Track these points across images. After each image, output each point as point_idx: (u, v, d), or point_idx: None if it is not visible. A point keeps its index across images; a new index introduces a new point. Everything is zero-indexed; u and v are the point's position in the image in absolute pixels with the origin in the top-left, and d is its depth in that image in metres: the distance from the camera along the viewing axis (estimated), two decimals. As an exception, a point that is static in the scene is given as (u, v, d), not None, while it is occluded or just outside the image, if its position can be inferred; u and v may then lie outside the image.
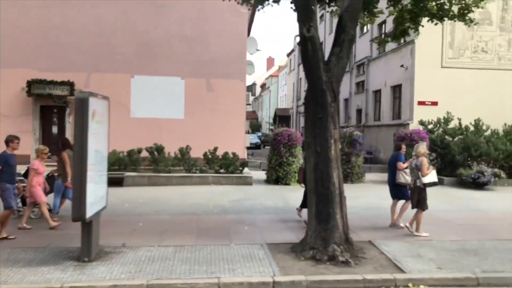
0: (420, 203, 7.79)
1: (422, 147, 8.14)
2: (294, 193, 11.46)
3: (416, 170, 7.85)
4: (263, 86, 79.64)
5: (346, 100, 26.86)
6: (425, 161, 7.87)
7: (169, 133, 15.99)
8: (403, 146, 8.94)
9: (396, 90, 19.65)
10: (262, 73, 78.14)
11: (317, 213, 6.40)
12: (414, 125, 16.94)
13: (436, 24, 8.85)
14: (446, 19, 8.47)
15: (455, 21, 8.56)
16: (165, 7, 16.41)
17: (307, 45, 6.03)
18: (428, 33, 17.30)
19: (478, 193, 12.92)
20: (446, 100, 17.33)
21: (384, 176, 10.82)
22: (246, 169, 15.55)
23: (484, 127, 16.11)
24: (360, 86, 24.72)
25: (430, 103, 17.48)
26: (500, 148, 14.81)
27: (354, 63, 25.31)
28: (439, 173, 15.02)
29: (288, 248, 6.62)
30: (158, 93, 16.41)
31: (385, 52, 20.80)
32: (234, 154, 14.57)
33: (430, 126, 16.22)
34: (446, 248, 6.79)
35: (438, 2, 8.15)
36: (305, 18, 5.90)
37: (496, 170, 13.57)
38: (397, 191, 8.41)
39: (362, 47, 23.93)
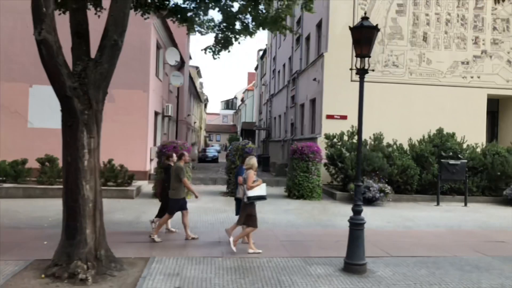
0: (248, 219, 7.44)
1: (254, 160, 7.83)
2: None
3: (244, 184, 7.54)
4: (242, 100, 79.83)
5: (285, 114, 26.68)
6: (251, 174, 7.53)
7: (68, 144, 15.61)
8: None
9: (312, 104, 19.46)
10: (244, 87, 78.53)
11: (66, 227, 5.99)
12: (322, 139, 16.66)
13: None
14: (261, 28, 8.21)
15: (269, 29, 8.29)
16: (64, 16, 16.08)
17: (41, 49, 5.70)
18: (338, 46, 17.36)
19: (365, 209, 12.55)
20: (356, 114, 17.03)
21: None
22: (140, 182, 15.18)
23: (391, 141, 15.92)
24: (292, 100, 24.56)
25: (339, 117, 17.24)
26: (396, 163, 14.55)
27: (290, 76, 25.20)
28: (338, 188, 14.94)
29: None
30: (57, 103, 15.96)
31: (307, 66, 20.68)
32: (121, 166, 14.15)
33: (334, 140, 15.97)
34: (225, 266, 6.43)
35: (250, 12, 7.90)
36: (36, 21, 5.59)
37: (381, 185, 13.26)
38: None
39: (297, 60, 23.83)
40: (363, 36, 6.38)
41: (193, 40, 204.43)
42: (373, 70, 6.39)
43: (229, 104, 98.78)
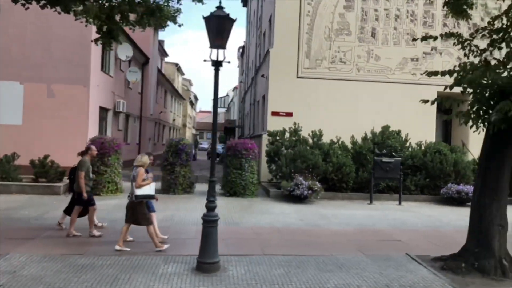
0: (139, 218, 7.19)
1: (145, 158, 7.60)
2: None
3: (133, 182, 7.31)
4: (232, 98, 79.52)
5: (249, 112, 26.45)
6: (141, 172, 7.29)
7: (6, 139, 15.37)
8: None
9: (263, 100, 19.23)
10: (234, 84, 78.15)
11: None
12: (266, 136, 16.43)
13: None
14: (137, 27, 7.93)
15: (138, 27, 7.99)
16: (4, 10, 15.85)
17: None
18: (284, 42, 17.12)
19: (291, 207, 12.35)
20: (302, 110, 16.88)
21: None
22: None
23: (336, 139, 15.70)
24: (255, 97, 24.34)
25: (284, 114, 17.00)
26: (332, 160, 14.31)
27: (254, 73, 24.98)
28: (276, 185, 14.66)
29: None
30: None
31: (260, 63, 20.44)
32: (52, 162, 13.94)
33: (277, 137, 15.74)
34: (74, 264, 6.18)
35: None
36: None
37: (311, 182, 13.01)
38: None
39: (258, 57, 23.59)
40: (217, 26, 6.11)
41: (184, 37, 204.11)
42: (229, 62, 6.09)
43: (221, 101, 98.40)
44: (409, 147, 15.48)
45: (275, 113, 17.00)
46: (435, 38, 6.94)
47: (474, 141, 16.76)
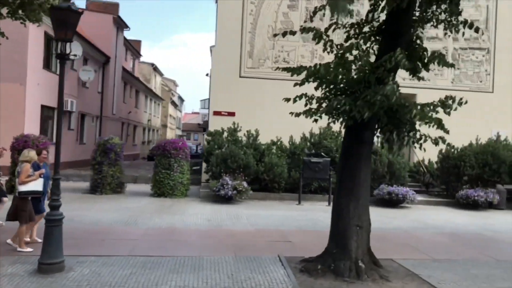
0: (18, 214, 6.95)
1: (32, 153, 7.38)
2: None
3: (17, 177, 7.08)
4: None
5: (211, 112, 26.22)
6: (27, 167, 7.07)
7: None
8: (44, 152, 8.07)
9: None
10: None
11: None
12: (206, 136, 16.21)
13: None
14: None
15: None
16: None
17: None
18: (226, 41, 16.93)
19: (212, 207, 12.16)
20: (245, 110, 16.70)
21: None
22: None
23: (280, 139, 15.50)
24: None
25: (226, 114, 16.80)
26: (264, 161, 14.12)
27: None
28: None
29: None
30: None
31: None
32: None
33: (218, 137, 15.53)
34: None
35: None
36: None
37: (237, 183, 12.81)
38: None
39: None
40: (60, 18, 5.90)
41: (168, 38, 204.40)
42: (75, 56, 5.89)
43: (205, 103, 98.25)
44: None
45: (217, 113, 16.82)
46: (294, 33, 6.75)
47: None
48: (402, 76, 17.57)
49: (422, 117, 5.95)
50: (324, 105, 6.27)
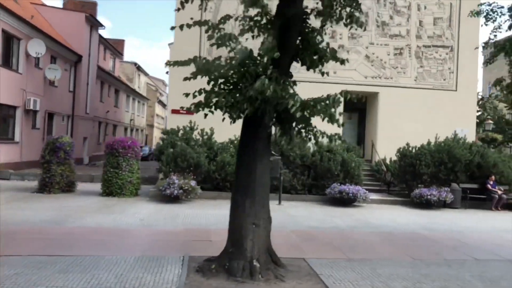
0: None
1: None
2: None
3: None
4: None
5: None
6: None
7: None
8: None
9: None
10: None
11: None
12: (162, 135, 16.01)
13: None
14: None
15: None
16: None
17: None
18: (184, 38, 16.73)
19: (156, 207, 11.96)
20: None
21: None
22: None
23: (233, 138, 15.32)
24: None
25: (185, 112, 16.51)
26: (216, 159, 13.94)
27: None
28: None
29: None
30: None
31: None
32: None
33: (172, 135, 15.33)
34: None
35: None
36: None
37: (183, 182, 12.61)
38: None
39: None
40: None
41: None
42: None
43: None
44: (308, 147, 15.13)
45: (175, 111, 16.63)
46: (190, 26, 6.55)
47: (382, 142, 16.55)
48: (364, 74, 17.59)
49: (315, 112, 5.76)
50: (215, 100, 6.05)
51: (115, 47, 38.09)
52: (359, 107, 19.04)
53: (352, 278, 6.14)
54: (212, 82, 6.10)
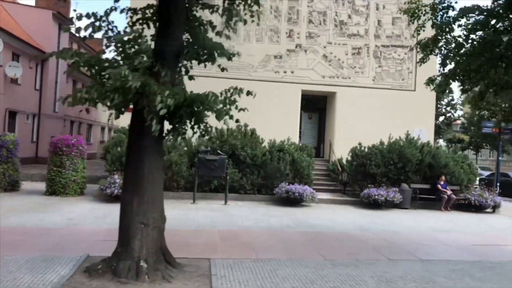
0: None
1: None
2: None
3: None
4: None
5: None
6: None
7: None
8: None
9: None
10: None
11: None
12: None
13: None
14: None
15: None
16: None
17: None
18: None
19: (93, 206, 11.75)
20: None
21: None
22: None
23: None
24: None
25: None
26: (164, 158, 13.72)
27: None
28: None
29: None
30: None
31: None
32: None
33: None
34: None
35: None
36: None
37: (124, 181, 12.40)
38: None
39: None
40: None
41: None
42: None
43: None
44: (264, 147, 14.98)
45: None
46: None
47: (339, 142, 16.41)
48: (321, 74, 17.49)
49: (208, 108, 5.62)
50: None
51: (90, 46, 37.70)
52: (320, 107, 18.97)
53: (245, 279, 6.00)
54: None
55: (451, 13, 8.21)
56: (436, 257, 7.75)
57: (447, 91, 9.08)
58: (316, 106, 19.17)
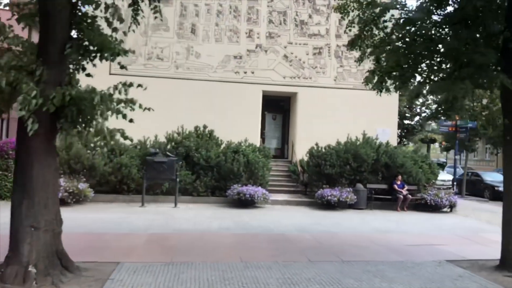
0: None
1: None
2: None
3: None
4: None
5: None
6: None
7: None
8: None
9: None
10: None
11: None
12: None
13: None
14: None
15: None
16: None
17: None
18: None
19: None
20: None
21: None
22: None
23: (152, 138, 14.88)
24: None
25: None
26: (113, 161, 13.51)
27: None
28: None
29: None
30: None
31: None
32: None
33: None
34: None
35: None
36: None
37: (69, 184, 12.17)
38: None
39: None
40: None
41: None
42: None
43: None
44: (211, 148, 14.76)
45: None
46: None
47: (301, 143, 16.21)
48: (282, 74, 17.34)
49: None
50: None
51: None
52: (284, 107, 18.83)
53: (142, 283, 5.80)
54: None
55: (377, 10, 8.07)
56: (360, 258, 7.57)
57: (383, 89, 8.90)
58: (280, 107, 19.03)
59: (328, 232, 10.00)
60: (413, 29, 7.70)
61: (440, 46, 7.39)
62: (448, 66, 7.47)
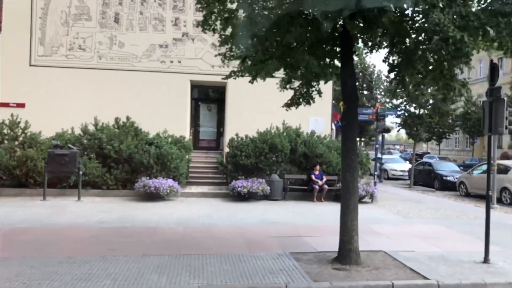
0: None
1: None
2: None
3: None
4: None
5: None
6: None
7: None
8: None
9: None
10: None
11: None
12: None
13: None
14: None
15: None
16: None
17: None
18: (14, 27, 15.86)
19: None
20: (38, 101, 15.72)
21: None
22: None
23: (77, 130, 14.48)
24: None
25: (15, 105, 15.76)
26: (19, 154, 13.16)
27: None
28: None
29: None
30: None
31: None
32: None
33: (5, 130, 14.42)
34: None
35: None
36: None
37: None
38: None
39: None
40: None
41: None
42: None
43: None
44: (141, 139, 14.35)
45: (4, 104, 15.73)
46: None
47: (232, 134, 15.81)
48: (210, 63, 16.86)
49: None
50: None
51: None
52: (219, 97, 18.42)
53: None
54: None
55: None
56: (202, 251, 7.22)
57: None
58: (215, 97, 18.63)
59: (208, 225, 9.64)
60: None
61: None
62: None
